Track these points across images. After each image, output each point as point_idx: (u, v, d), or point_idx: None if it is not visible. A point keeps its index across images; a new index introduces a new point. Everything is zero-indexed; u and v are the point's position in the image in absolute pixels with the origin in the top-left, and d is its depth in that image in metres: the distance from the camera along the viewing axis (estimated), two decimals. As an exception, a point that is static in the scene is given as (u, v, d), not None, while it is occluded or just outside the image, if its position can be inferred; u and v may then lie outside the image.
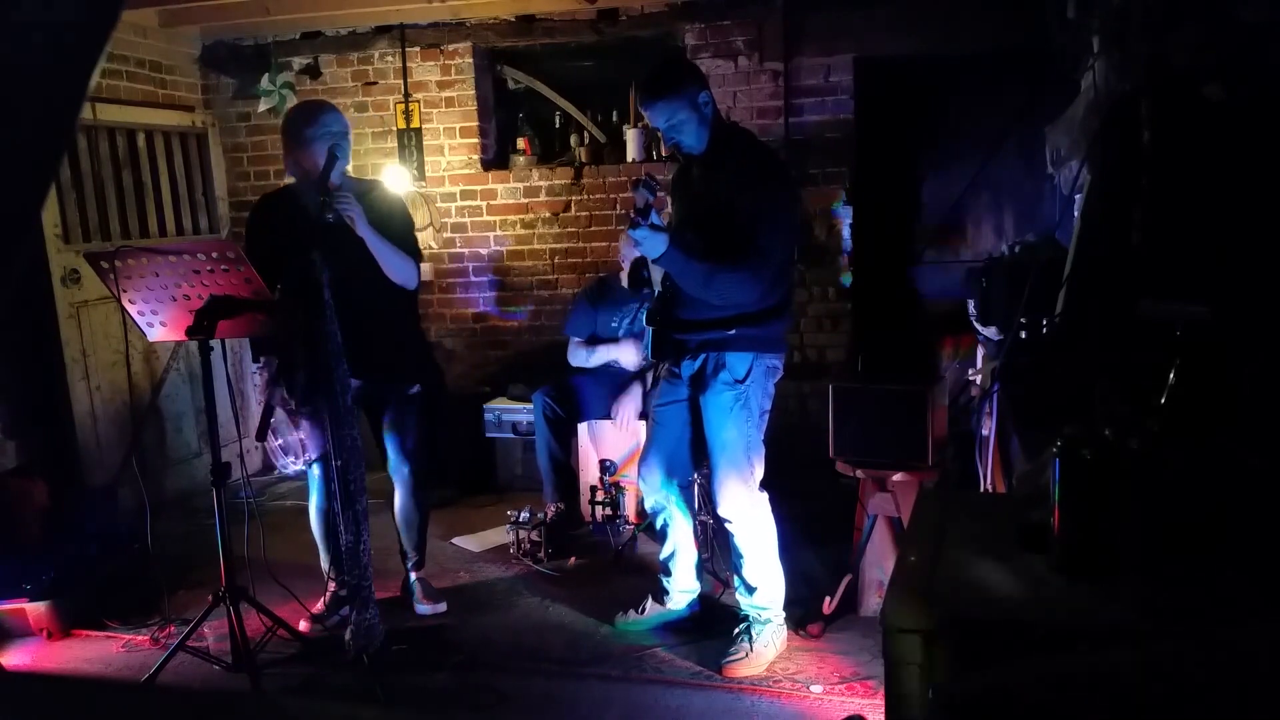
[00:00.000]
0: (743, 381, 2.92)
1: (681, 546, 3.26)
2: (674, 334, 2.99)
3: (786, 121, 4.70)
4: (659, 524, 3.25)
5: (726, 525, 3.05)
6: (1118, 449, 1.51)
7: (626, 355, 4.20)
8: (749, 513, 3.00)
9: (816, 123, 4.72)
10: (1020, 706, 1.34)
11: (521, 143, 5.19)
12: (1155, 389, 1.63)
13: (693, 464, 3.22)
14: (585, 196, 5.06)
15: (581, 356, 4.30)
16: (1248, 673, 1.30)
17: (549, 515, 4.12)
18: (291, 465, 3.36)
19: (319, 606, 3.43)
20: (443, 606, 3.50)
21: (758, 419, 2.98)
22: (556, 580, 3.78)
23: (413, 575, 3.55)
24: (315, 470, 3.36)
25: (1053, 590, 1.50)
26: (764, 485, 3.05)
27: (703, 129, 2.89)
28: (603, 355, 4.25)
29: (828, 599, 3.26)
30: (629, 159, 4.97)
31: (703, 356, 2.97)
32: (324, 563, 3.48)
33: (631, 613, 3.34)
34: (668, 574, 3.30)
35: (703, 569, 3.42)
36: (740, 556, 3.06)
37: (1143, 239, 2.06)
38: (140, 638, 3.37)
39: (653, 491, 3.19)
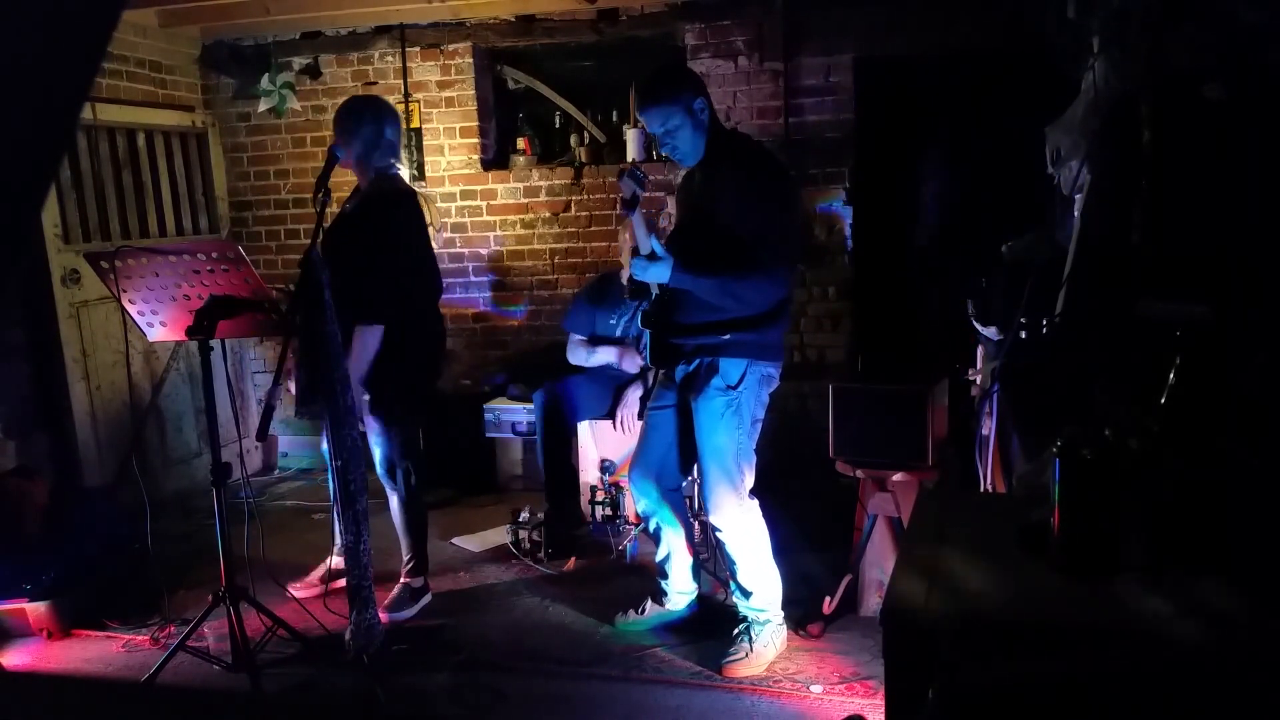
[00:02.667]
0: (735, 388, 2.91)
1: (675, 548, 3.26)
2: (670, 338, 2.99)
3: (786, 121, 4.70)
4: (651, 527, 3.26)
5: (717, 533, 3.05)
6: (1118, 449, 1.51)
7: (626, 362, 4.19)
8: (738, 520, 3.00)
9: (816, 123, 4.72)
10: (1020, 706, 1.34)
11: (521, 143, 5.19)
12: (1155, 389, 1.63)
13: (682, 468, 3.22)
14: (585, 196, 5.06)
15: (581, 355, 4.30)
16: (1247, 673, 1.30)
17: (549, 515, 4.12)
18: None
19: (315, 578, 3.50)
20: (407, 613, 3.47)
21: (749, 427, 2.96)
22: (556, 580, 3.78)
23: (402, 579, 3.54)
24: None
25: (1053, 590, 1.50)
26: (764, 486, 3.05)
27: (698, 135, 2.89)
28: (602, 356, 4.25)
29: (828, 599, 3.26)
30: (629, 159, 4.96)
31: (697, 361, 2.97)
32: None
33: (631, 613, 3.34)
34: (664, 576, 3.30)
35: (700, 569, 3.42)
36: (733, 563, 3.06)
37: (1143, 239, 2.06)
38: (140, 638, 3.37)
39: (641, 495, 3.20)
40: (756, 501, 3.05)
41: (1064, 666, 1.35)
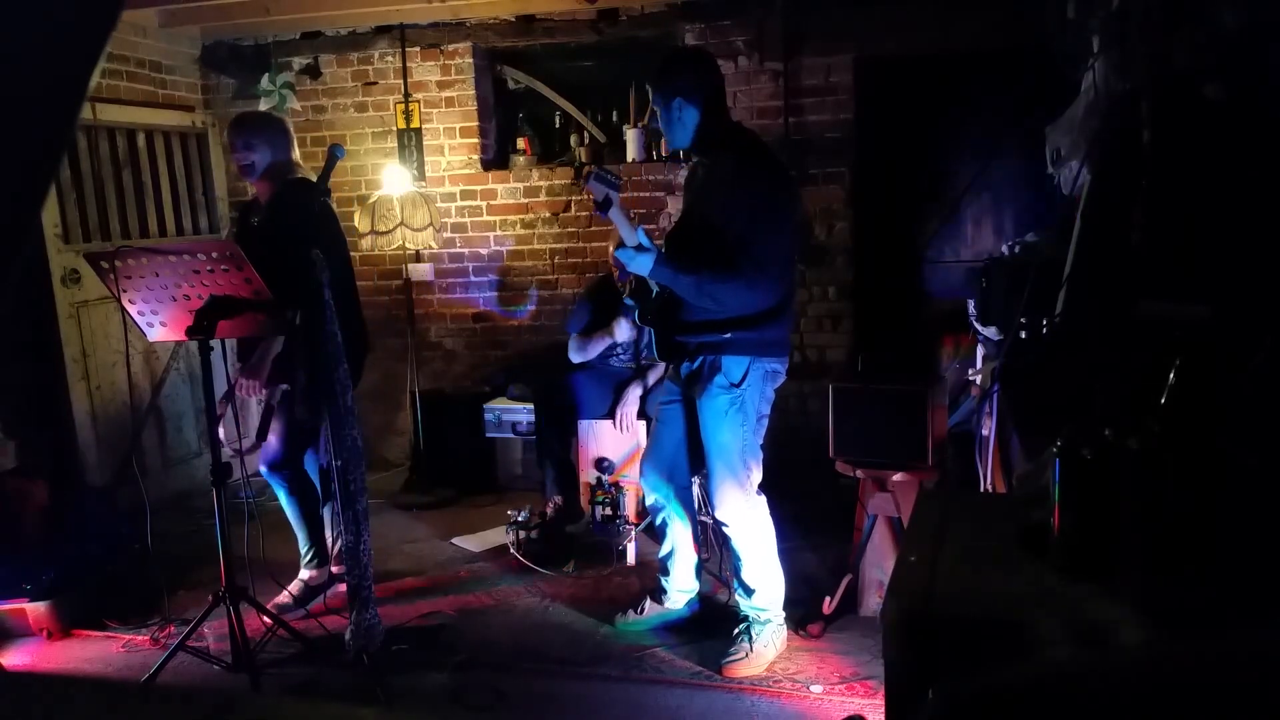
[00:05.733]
0: (738, 385, 2.90)
1: (680, 546, 3.26)
2: (675, 336, 2.98)
3: (786, 121, 4.70)
4: (658, 522, 3.25)
5: (724, 529, 3.05)
6: (1118, 449, 1.51)
7: (619, 331, 4.17)
8: (745, 516, 3.00)
9: (816, 123, 4.72)
10: (1020, 706, 1.34)
11: (521, 143, 5.19)
12: (1155, 389, 1.63)
13: (692, 466, 3.21)
14: (585, 196, 5.06)
15: (580, 350, 4.29)
16: (1247, 673, 1.29)
17: (549, 512, 4.12)
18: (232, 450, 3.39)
19: (284, 597, 3.50)
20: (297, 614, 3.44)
21: (754, 423, 2.96)
22: (556, 580, 3.78)
23: (301, 573, 3.58)
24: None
25: (1053, 590, 1.50)
26: (764, 485, 3.05)
27: (693, 122, 2.88)
28: (599, 343, 4.23)
29: (828, 599, 3.26)
30: (629, 159, 4.97)
31: (700, 358, 2.96)
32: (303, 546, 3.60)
33: (631, 613, 3.35)
34: (665, 573, 3.30)
35: (702, 569, 3.42)
36: (738, 559, 3.06)
37: (1143, 239, 2.06)
38: (140, 638, 3.37)
39: (652, 490, 3.20)
40: (764, 498, 3.04)
41: (1064, 667, 1.35)
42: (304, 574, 3.58)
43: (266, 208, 3.40)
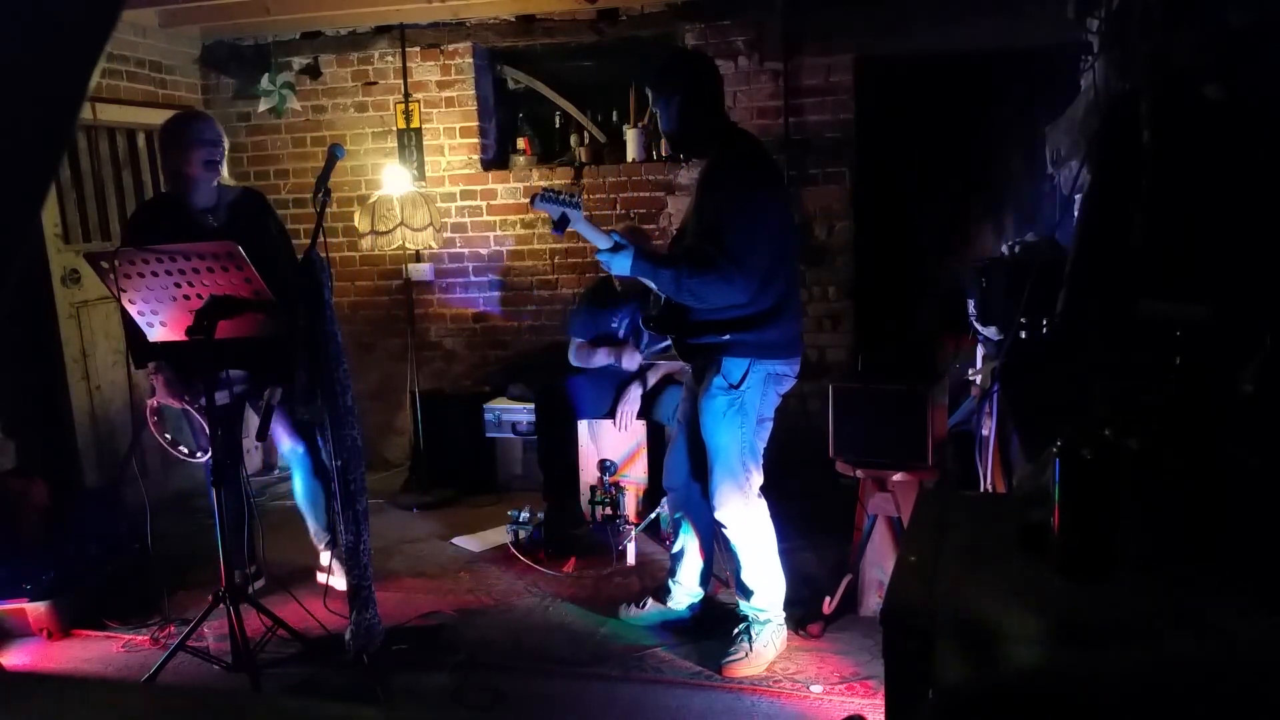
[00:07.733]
0: (737, 387, 2.90)
1: (688, 549, 3.25)
2: (685, 338, 2.98)
3: (786, 121, 4.70)
4: (674, 516, 3.25)
5: (722, 529, 3.05)
6: (1118, 449, 1.51)
7: (626, 359, 4.18)
8: (744, 518, 2.99)
9: (816, 123, 4.72)
10: (1020, 706, 1.34)
11: (521, 143, 5.19)
12: (1155, 389, 1.63)
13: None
14: (585, 196, 5.05)
15: (583, 358, 4.29)
16: (1247, 673, 1.30)
17: (549, 514, 4.11)
18: (186, 456, 3.42)
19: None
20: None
21: (754, 425, 2.95)
22: (556, 580, 3.78)
23: (329, 554, 3.58)
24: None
25: (1053, 590, 1.50)
26: (765, 485, 3.04)
27: (686, 120, 2.90)
28: (604, 358, 4.24)
29: (828, 599, 3.26)
30: (629, 159, 4.97)
31: (704, 359, 2.97)
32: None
33: (634, 607, 3.35)
34: (672, 574, 3.29)
35: (710, 576, 3.39)
36: (737, 560, 3.06)
37: (1143, 239, 2.06)
38: (140, 638, 3.37)
39: (671, 489, 3.21)
40: (764, 501, 3.04)
41: (1064, 667, 1.35)
42: (324, 558, 3.58)
43: (238, 208, 3.47)
